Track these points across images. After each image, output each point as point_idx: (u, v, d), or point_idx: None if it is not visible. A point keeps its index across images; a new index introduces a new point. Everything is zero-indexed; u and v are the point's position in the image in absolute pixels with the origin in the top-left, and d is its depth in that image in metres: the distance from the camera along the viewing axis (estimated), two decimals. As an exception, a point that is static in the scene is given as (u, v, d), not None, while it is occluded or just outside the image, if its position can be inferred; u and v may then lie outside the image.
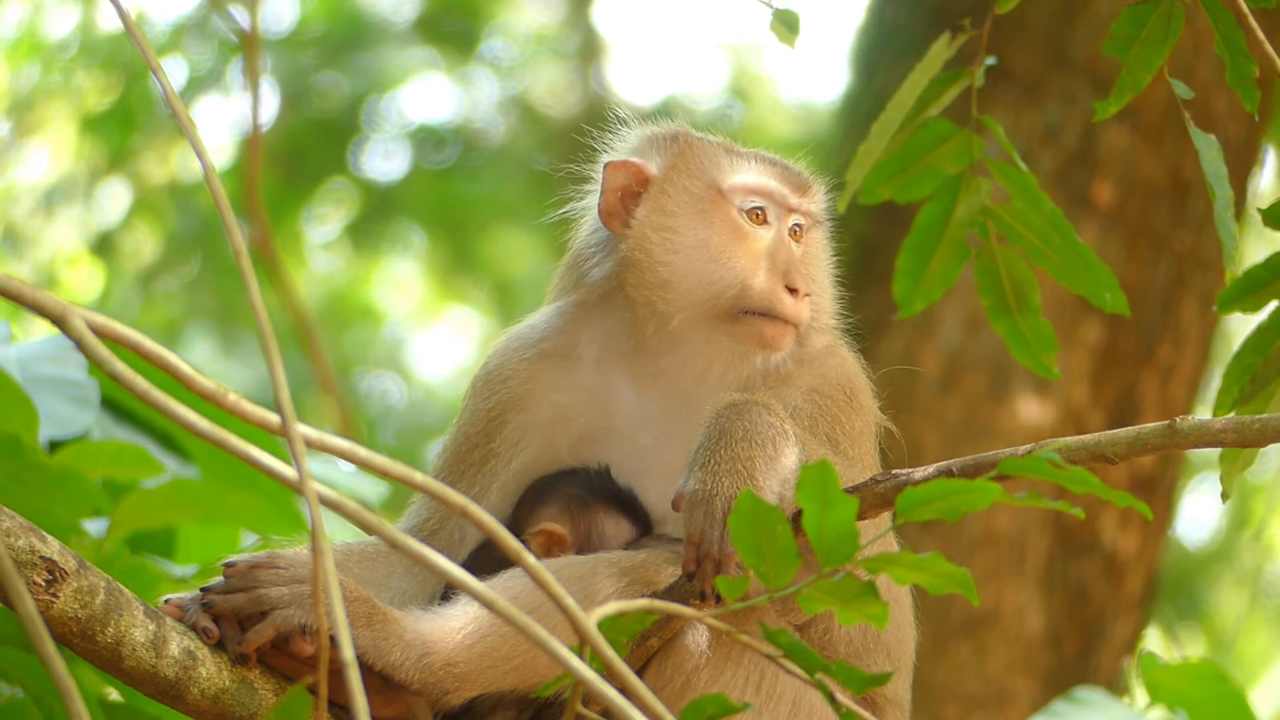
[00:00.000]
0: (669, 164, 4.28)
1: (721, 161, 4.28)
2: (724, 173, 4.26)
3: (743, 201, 4.24)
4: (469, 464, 4.25)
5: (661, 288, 4.21)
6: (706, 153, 4.29)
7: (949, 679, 7.26)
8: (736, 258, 4.20)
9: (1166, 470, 7.56)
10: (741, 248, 4.21)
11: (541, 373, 4.28)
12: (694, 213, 4.24)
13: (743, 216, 4.23)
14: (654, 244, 4.22)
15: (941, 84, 4.23)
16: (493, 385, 4.30)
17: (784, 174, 4.30)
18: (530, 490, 4.19)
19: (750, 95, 14.96)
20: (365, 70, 13.41)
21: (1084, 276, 4.21)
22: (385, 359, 15.14)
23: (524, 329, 4.36)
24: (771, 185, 4.26)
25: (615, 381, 4.25)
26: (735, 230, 4.22)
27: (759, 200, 4.25)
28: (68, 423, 5.04)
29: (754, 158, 4.32)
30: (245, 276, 3.02)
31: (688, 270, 4.21)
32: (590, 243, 4.34)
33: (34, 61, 13.34)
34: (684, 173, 4.26)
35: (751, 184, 4.26)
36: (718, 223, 4.23)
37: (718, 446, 3.82)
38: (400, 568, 4.20)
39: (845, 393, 4.22)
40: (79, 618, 3.64)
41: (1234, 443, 3.63)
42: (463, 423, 4.31)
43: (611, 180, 4.28)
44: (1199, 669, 5.33)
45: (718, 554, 3.71)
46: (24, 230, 13.31)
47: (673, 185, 4.26)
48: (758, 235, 4.23)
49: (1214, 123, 7.31)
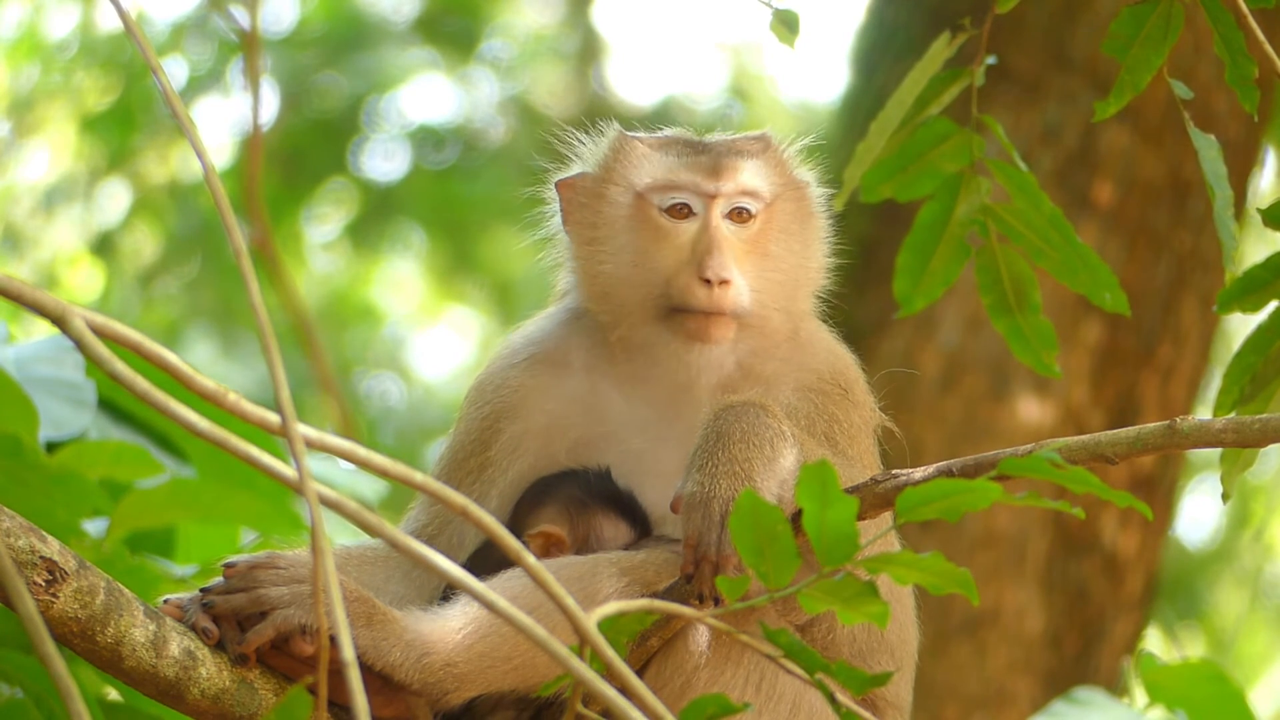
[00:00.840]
0: (596, 174, 4.27)
1: (639, 163, 4.24)
2: (640, 174, 4.23)
3: (660, 200, 4.21)
4: (466, 472, 4.25)
5: (601, 299, 4.22)
6: (627, 156, 4.25)
7: (949, 679, 7.26)
8: (657, 258, 4.18)
9: (1167, 470, 7.56)
10: (662, 247, 4.18)
11: (534, 381, 4.27)
12: (618, 219, 4.23)
13: (663, 215, 4.20)
14: (586, 256, 4.24)
15: (941, 83, 4.23)
16: (485, 395, 4.29)
17: (695, 162, 4.22)
18: (529, 491, 4.19)
19: (750, 95, 14.96)
20: (365, 70, 13.41)
21: (1084, 276, 4.21)
22: (385, 359, 15.13)
23: (517, 337, 4.36)
24: (681, 178, 4.21)
25: (604, 388, 4.24)
26: (656, 230, 4.19)
27: (676, 195, 4.21)
28: (65, 423, 5.03)
29: (672, 149, 4.26)
30: (245, 276, 3.02)
31: (618, 277, 4.20)
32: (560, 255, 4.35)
33: (34, 61, 13.34)
34: (607, 181, 4.25)
35: (662, 180, 4.21)
36: (640, 225, 4.20)
37: (715, 449, 3.82)
38: (399, 572, 4.20)
39: (840, 387, 4.20)
40: (79, 618, 3.64)
41: (1234, 443, 3.63)
42: (459, 433, 4.30)
43: (565, 197, 4.29)
44: (1199, 669, 5.33)
45: (715, 556, 3.70)
46: (24, 230, 13.31)
47: (599, 195, 4.25)
48: (680, 231, 4.19)
49: (1214, 123, 7.30)
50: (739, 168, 4.23)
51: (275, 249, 9.45)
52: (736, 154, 4.24)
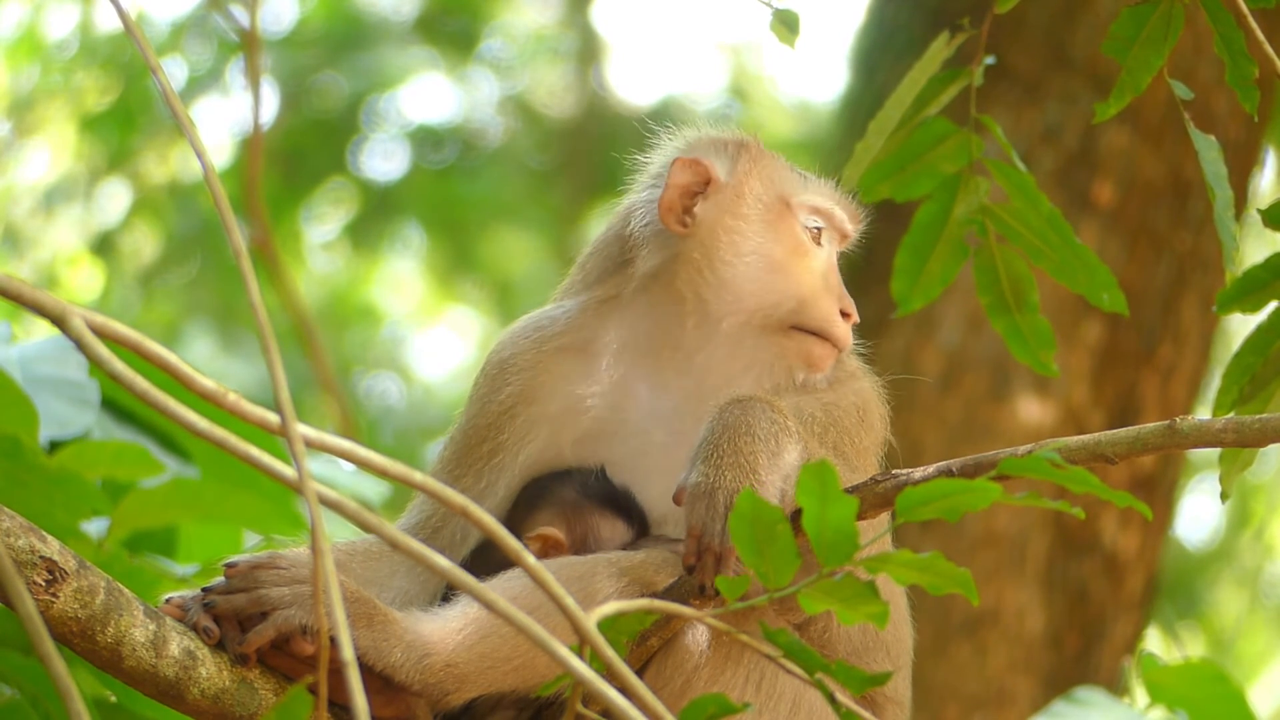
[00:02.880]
0: (742, 169, 4.29)
1: (790, 176, 4.31)
2: (793, 187, 4.29)
3: (806, 219, 4.27)
4: (477, 457, 4.25)
5: (720, 287, 4.23)
6: (776, 166, 4.32)
7: (949, 679, 7.26)
8: (798, 272, 4.23)
9: (1167, 470, 7.56)
10: (803, 264, 4.24)
11: (557, 365, 4.27)
12: (762, 220, 4.26)
13: (805, 233, 4.26)
14: (721, 244, 4.24)
15: (940, 83, 4.23)
16: (506, 376, 4.29)
17: (843, 200, 4.33)
18: (524, 494, 4.19)
19: (750, 95, 14.96)
20: (365, 70, 13.41)
21: (1082, 276, 4.21)
22: (385, 359, 15.14)
23: (542, 320, 4.35)
24: (834, 209, 4.30)
25: (632, 377, 4.24)
26: (798, 245, 4.25)
27: (820, 220, 4.28)
28: (68, 423, 5.03)
29: (816, 179, 4.35)
30: (245, 276, 3.02)
31: (749, 275, 4.23)
32: (641, 235, 4.32)
33: (34, 61, 13.34)
34: (756, 180, 4.28)
35: (817, 203, 4.29)
36: (783, 235, 4.25)
37: (721, 441, 3.82)
38: (403, 567, 4.20)
39: (859, 411, 4.23)
40: (79, 618, 3.64)
41: (1234, 443, 3.63)
42: (472, 414, 4.29)
43: (677, 176, 4.28)
44: (1199, 669, 5.33)
45: (719, 547, 3.71)
46: (24, 230, 13.31)
47: (745, 190, 4.28)
48: (816, 254, 4.27)
49: (1214, 123, 7.31)
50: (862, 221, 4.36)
51: (275, 249, 9.45)
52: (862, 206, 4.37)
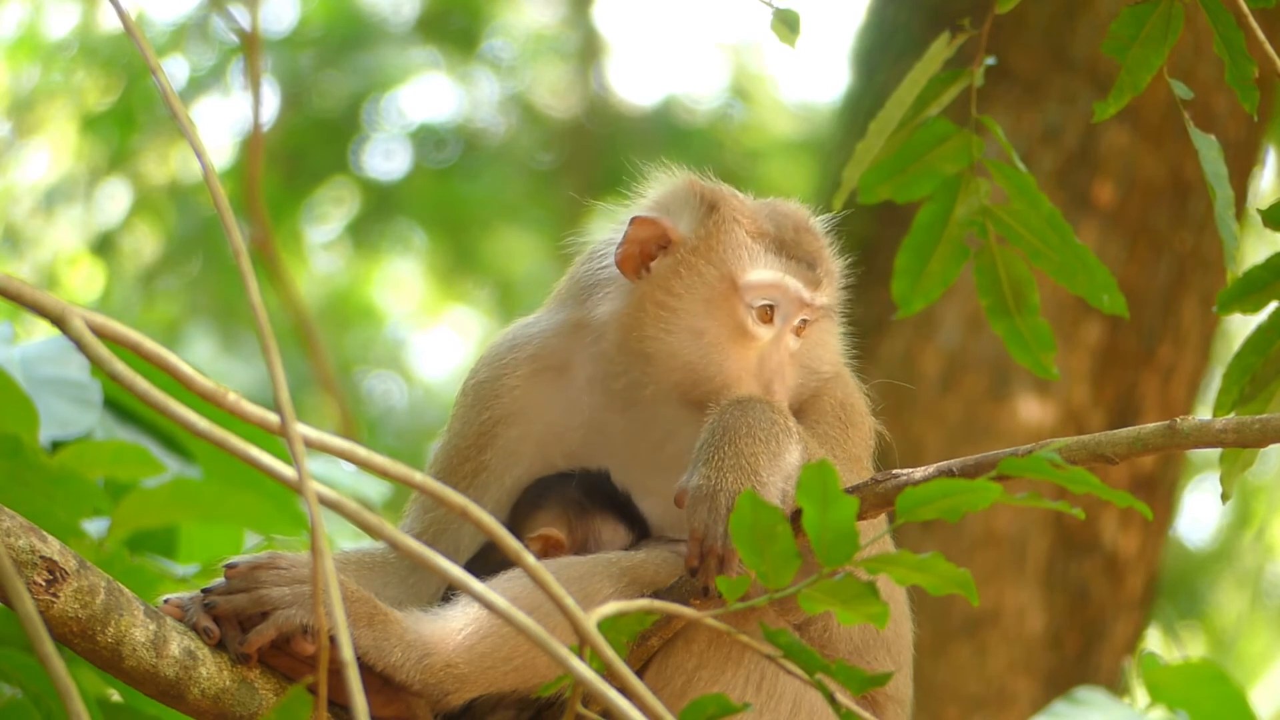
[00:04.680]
0: (694, 237, 4.13)
1: (744, 251, 4.12)
2: (743, 265, 4.11)
3: (754, 299, 4.10)
4: (460, 476, 4.23)
5: (644, 359, 4.11)
6: (732, 236, 4.13)
7: (949, 679, 7.26)
8: (728, 358, 4.09)
9: (1167, 470, 7.56)
10: (736, 349, 4.09)
11: (535, 388, 4.24)
12: (701, 299, 4.11)
13: (750, 314, 4.10)
14: (650, 317, 4.10)
15: (941, 83, 4.23)
16: (484, 399, 4.26)
17: (801, 269, 4.14)
18: (528, 492, 4.18)
19: (750, 95, 14.95)
20: (366, 70, 13.41)
21: (1082, 277, 4.21)
22: (386, 359, 15.13)
23: (519, 337, 4.30)
24: (788, 283, 4.11)
25: (604, 402, 4.20)
26: (737, 329, 4.09)
27: (771, 298, 4.12)
28: (70, 423, 5.03)
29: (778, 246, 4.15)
30: (245, 277, 3.02)
31: (675, 352, 4.10)
32: (601, 277, 4.23)
33: (34, 61, 13.34)
34: (703, 255, 4.12)
35: (767, 281, 4.11)
36: (722, 317, 4.10)
37: (721, 442, 3.81)
38: (395, 577, 4.20)
39: (841, 414, 4.17)
40: (79, 618, 3.64)
41: (1234, 443, 3.63)
42: (454, 433, 4.27)
43: (635, 233, 4.15)
44: (1199, 669, 5.33)
45: (721, 549, 3.70)
46: (24, 230, 13.31)
47: (687, 265, 4.12)
48: (758, 336, 4.10)
49: (1214, 123, 7.30)
50: (831, 284, 4.20)
51: (275, 249, 9.45)
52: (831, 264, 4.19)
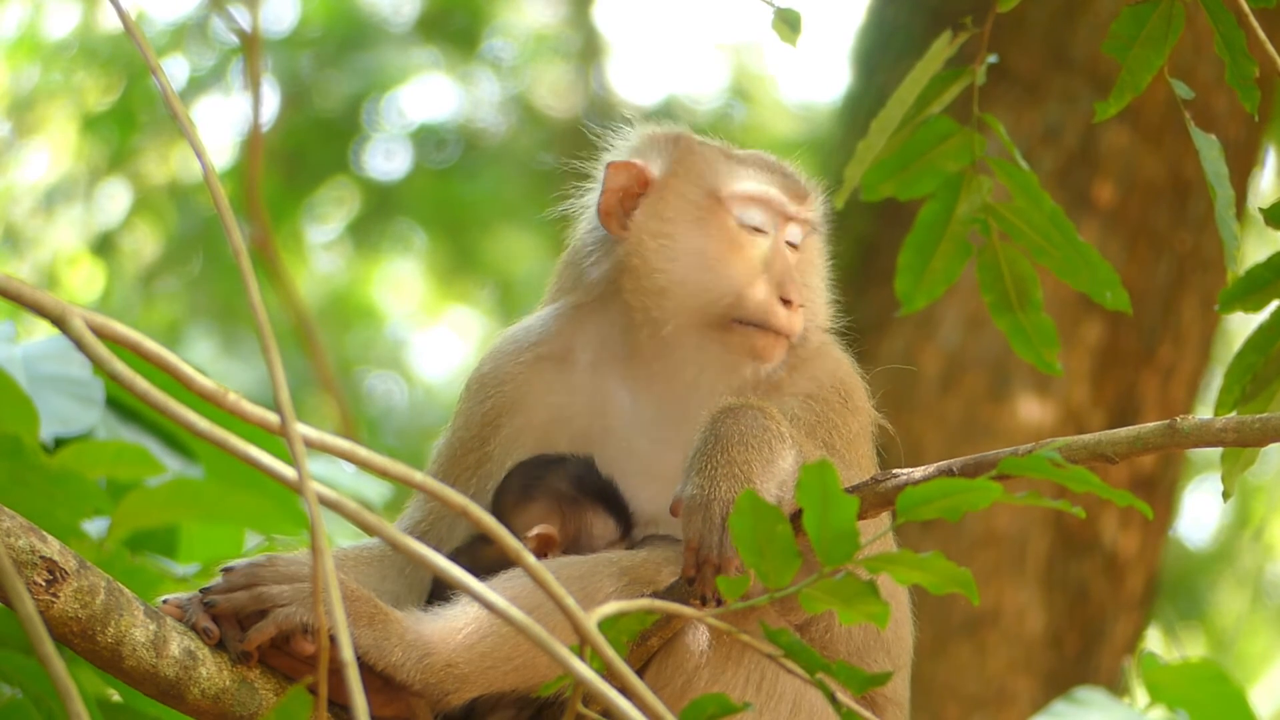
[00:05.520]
0: (669, 168, 4.23)
1: (721, 168, 4.23)
2: (723, 180, 4.22)
3: (741, 210, 4.20)
4: (464, 467, 4.24)
5: (657, 294, 4.18)
6: (706, 158, 4.24)
7: (949, 679, 7.26)
8: (732, 267, 4.16)
9: (1167, 470, 7.56)
10: (738, 257, 4.17)
11: (536, 376, 4.26)
12: (691, 220, 4.20)
13: (740, 225, 4.19)
14: (650, 250, 4.18)
15: (942, 82, 4.22)
16: (487, 389, 4.28)
17: (783, 181, 4.25)
18: (514, 479, 4.16)
19: (751, 95, 14.96)
20: (366, 70, 13.41)
21: (1085, 274, 4.21)
22: (386, 359, 15.14)
23: (519, 331, 4.34)
24: (771, 193, 4.22)
25: (610, 385, 4.23)
26: (732, 239, 4.18)
27: (757, 208, 4.20)
28: (72, 421, 5.03)
29: (754, 163, 4.26)
30: (245, 277, 3.02)
31: (683, 278, 4.17)
32: (588, 242, 4.30)
33: (34, 61, 13.34)
34: (683, 178, 4.22)
35: (750, 192, 4.21)
36: (715, 231, 4.19)
37: (714, 451, 3.81)
38: (393, 570, 4.20)
39: (840, 395, 4.19)
40: (79, 618, 3.64)
41: (1235, 442, 3.63)
42: (457, 427, 4.29)
43: (612, 180, 4.24)
44: (1199, 669, 5.32)
45: (717, 558, 3.70)
46: (24, 230, 13.31)
47: (671, 191, 4.21)
48: (755, 244, 4.19)
49: (1214, 122, 7.30)
50: (815, 198, 4.27)
51: (275, 249, 9.45)
52: (812, 181, 4.29)
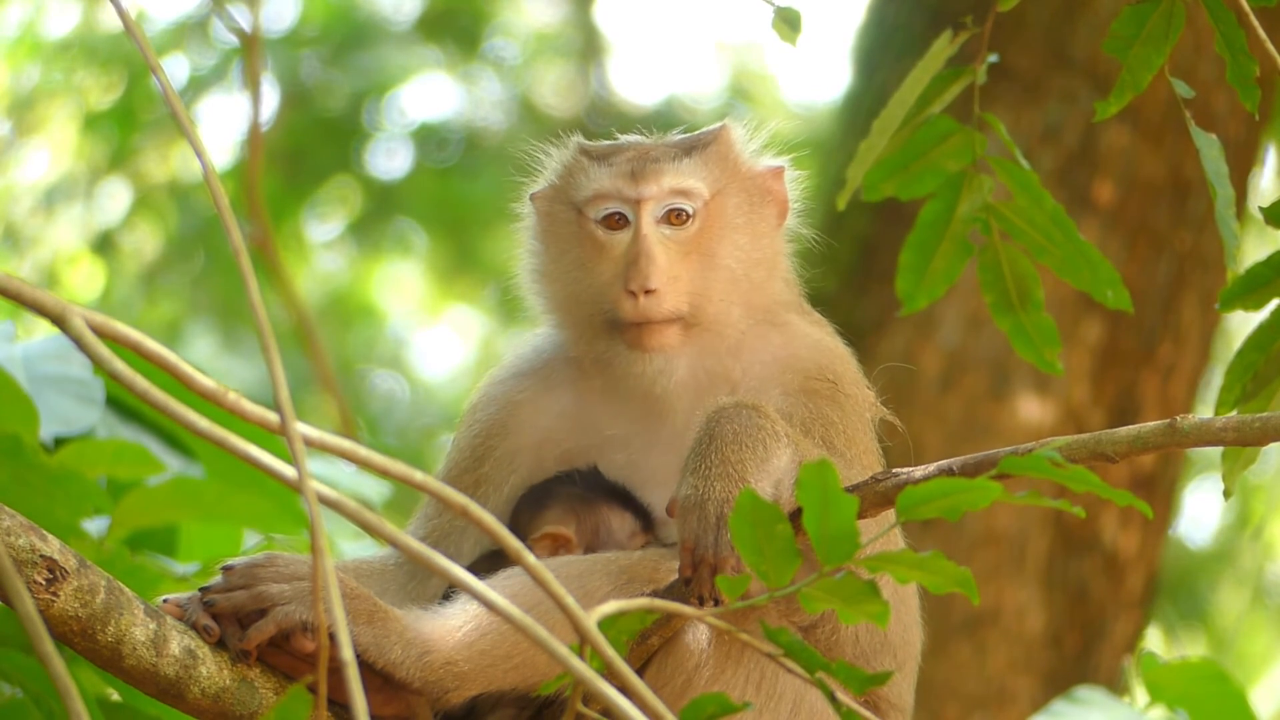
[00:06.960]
0: (551, 190, 4.28)
1: (579, 176, 4.22)
2: (579, 188, 4.22)
3: (596, 212, 4.20)
4: (461, 488, 4.24)
5: (557, 314, 4.27)
6: (571, 170, 4.24)
7: (949, 678, 7.26)
8: (595, 272, 4.18)
9: (1167, 469, 7.56)
10: (600, 260, 4.18)
11: (522, 397, 4.29)
12: (564, 236, 4.24)
13: (599, 227, 4.19)
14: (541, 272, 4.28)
15: (943, 81, 4.22)
16: (477, 414, 4.32)
17: (621, 169, 4.20)
18: (527, 497, 4.19)
19: (751, 95, 14.95)
20: (367, 69, 13.40)
21: (1086, 273, 4.20)
22: (386, 358, 15.13)
23: (510, 357, 4.40)
24: (606, 187, 4.19)
25: (589, 401, 4.25)
26: (594, 244, 4.19)
27: (607, 206, 4.20)
28: (72, 420, 5.03)
29: (600, 156, 4.23)
30: (245, 276, 3.02)
31: (566, 294, 4.24)
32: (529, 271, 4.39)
33: (34, 61, 13.34)
34: (557, 197, 4.27)
35: (595, 190, 4.20)
36: (582, 240, 4.20)
37: (708, 451, 3.81)
38: (394, 584, 4.20)
39: (829, 383, 4.17)
40: (79, 616, 3.64)
41: (1235, 441, 3.63)
42: (453, 450, 4.33)
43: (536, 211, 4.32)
44: (1199, 669, 5.32)
45: (713, 558, 3.70)
46: (24, 230, 13.31)
47: (550, 211, 4.27)
48: (615, 242, 4.18)
49: (1214, 122, 7.30)
50: (663, 170, 4.19)
51: (276, 248, 9.44)
52: (662, 156, 4.21)
